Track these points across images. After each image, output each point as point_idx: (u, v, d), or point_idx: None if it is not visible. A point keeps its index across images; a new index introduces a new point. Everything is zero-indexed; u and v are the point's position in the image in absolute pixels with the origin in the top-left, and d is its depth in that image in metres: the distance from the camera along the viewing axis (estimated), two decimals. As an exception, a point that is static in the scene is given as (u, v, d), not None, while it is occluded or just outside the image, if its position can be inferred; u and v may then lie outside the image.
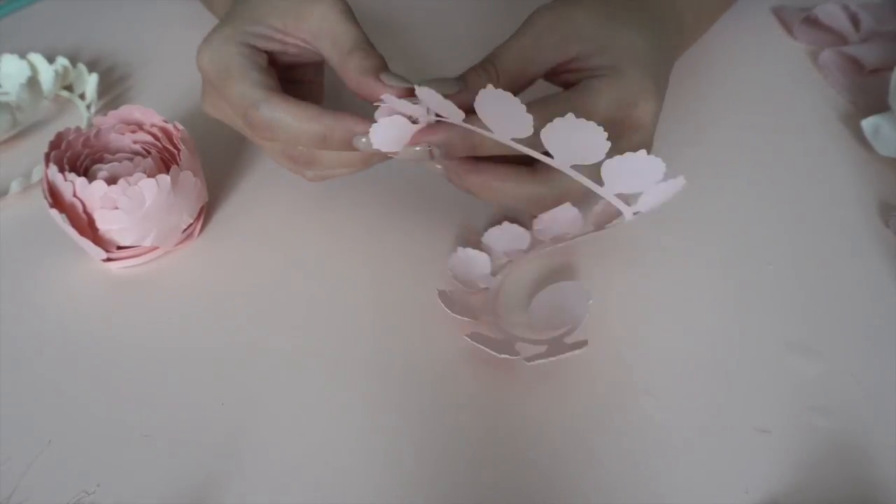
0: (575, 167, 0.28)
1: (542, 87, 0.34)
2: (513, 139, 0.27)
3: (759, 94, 0.45)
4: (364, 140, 0.30)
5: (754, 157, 0.41)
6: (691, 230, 0.37)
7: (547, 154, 0.27)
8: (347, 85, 0.32)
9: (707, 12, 0.44)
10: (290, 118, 0.31)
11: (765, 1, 0.52)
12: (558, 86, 0.34)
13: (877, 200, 0.38)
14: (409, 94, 0.29)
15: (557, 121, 0.25)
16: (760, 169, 0.40)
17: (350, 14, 0.32)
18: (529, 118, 0.25)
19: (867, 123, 0.40)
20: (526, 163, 0.30)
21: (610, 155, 0.26)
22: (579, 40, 0.32)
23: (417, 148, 0.30)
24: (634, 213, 0.30)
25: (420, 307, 0.34)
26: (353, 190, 0.40)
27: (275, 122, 0.31)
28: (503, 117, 0.26)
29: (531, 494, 0.28)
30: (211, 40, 0.33)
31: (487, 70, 0.32)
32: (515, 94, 0.26)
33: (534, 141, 0.26)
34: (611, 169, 0.26)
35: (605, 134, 0.25)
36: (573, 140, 0.25)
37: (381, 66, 0.31)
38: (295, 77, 0.37)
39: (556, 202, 0.32)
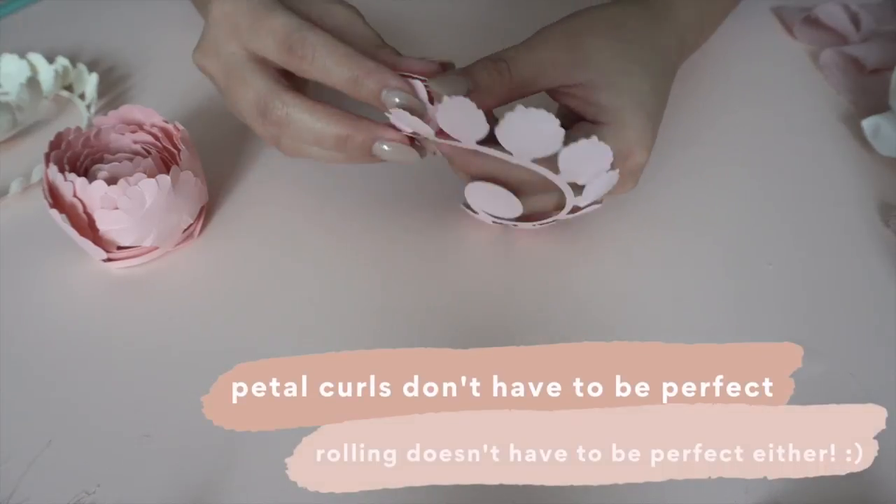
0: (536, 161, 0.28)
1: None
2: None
3: (759, 94, 0.45)
4: (385, 147, 0.31)
5: (754, 157, 0.41)
6: (691, 230, 0.37)
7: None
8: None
9: (709, 14, 0.44)
10: (309, 117, 0.31)
11: (765, 1, 0.52)
12: (555, 100, 0.34)
13: (877, 200, 0.38)
14: (442, 69, 0.31)
15: (508, 115, 0.25)
16: (760, 169, 0.40)
17: (365, 20, 0.33)
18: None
19: (867, 123, 0.40)
20: None
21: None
22: (593, 69, 0.31)
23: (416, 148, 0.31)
24: (579, 203, 0.31)
25: (425, 305, 0.34)
26: (355, 189, 0.40)
27: (293, 119, 0.31)
28: (526, 136, 0.26)
29: (535, 489, 0.28)
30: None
31: (500, 70, 0.30)
32: (516, 99, 0.28)
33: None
34: (566, 157, 0.27)
35: (558, 121, 0.25)
36: (530, 135, 0.26)
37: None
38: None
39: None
